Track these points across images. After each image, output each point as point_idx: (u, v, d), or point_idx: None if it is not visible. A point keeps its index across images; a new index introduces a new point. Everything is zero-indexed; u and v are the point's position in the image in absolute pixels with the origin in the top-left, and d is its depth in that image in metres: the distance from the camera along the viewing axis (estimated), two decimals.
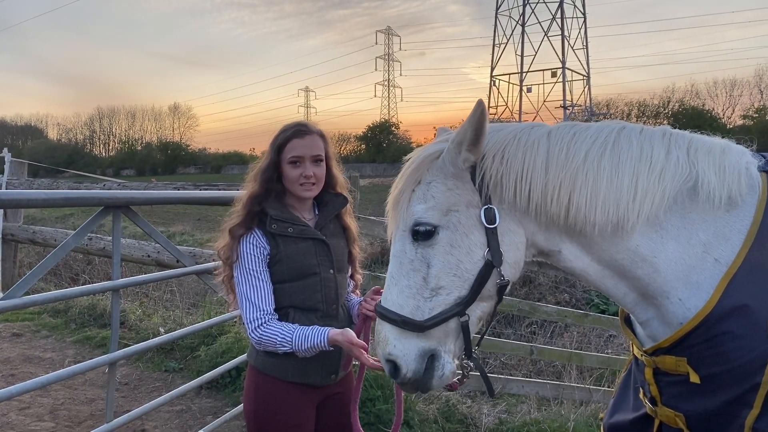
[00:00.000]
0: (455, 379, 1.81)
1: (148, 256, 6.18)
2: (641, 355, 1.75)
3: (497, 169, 1.64)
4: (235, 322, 5.29)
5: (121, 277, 2.88)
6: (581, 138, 1.65)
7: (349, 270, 2.40)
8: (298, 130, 2.16)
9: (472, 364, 1.76)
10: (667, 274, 1.60)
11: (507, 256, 1.65)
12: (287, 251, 2.12)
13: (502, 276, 1.64)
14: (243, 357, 3.81)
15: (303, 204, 2.24)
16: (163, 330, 5.99)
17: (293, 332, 2.03)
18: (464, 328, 1.67)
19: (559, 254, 1.71)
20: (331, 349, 2.04)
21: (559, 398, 4.99)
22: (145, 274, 5.88)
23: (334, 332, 2.02)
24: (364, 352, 1.98)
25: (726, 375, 1.53)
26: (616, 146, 1.63)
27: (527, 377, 6.40)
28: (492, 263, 1.62)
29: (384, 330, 1.71)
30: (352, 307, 2.36)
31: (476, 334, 1.77)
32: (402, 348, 1.67)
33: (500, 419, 4.39)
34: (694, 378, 1.57)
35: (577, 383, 5.47)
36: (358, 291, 2.48)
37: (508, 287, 1.69)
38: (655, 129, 1.69)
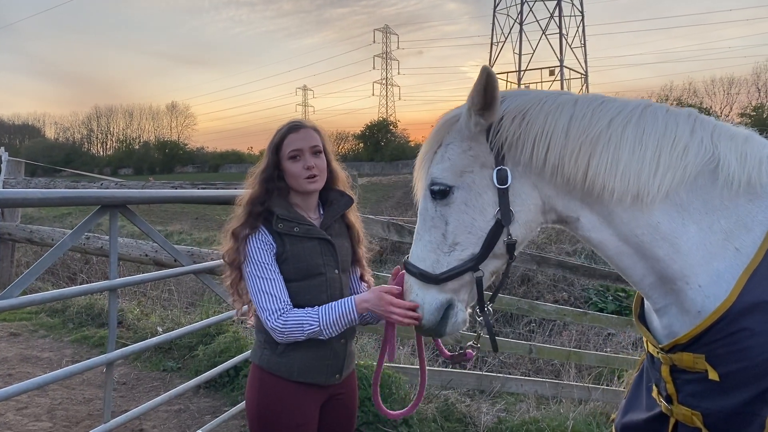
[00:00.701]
0: (469, 350, 2.00)
1: (146, 255, 6.16)
2: (657, 352, 1.73)
3: (515, 131, 1.68)
4: (233, 321, 5.28)
5: (119, 277, 2.87)
6: (607, 107, 1.67)
7: (358, 271, 2.38)
8: (293, 126, 2.18)
9: (481, 319, 1.86)
10: (687, 256, 1.59)
11: (518, 216, 1.71)
12: (293, 251, 2.11)
13: (510, 235, 1.71)
14: (241, 356, 3.80)
15: (308, 203, 2.23)
16: (161, 329, 5.97)
17: (318, 309, 2.03)
18: (478, 283, 1.76)
19: (578, 222, 1.73)
20: (360, 315, 2.02)
21: (557, 397, 4.99)
22: (143, 273, 5.87)
23: (360, 295, 2.03)
24: (393, 304, 1.91)
25: (745, 373, 1.51)
26: (641, 119, 1.64)
27: (526, 376, 6.40)
28: (501, 222, 1.70)
29: (410, 280, 1.85)
30: None
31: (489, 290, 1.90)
32: (422, 297, 1.80)
33: (499, 418, 4.39)
34: (713, 375, 1.54)
35: (576, 382, 5.47)
36: None
37: (519, 246, 1.77)
38: (681, 109, 1.69)
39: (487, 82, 1.62)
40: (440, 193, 1.75)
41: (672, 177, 1.58)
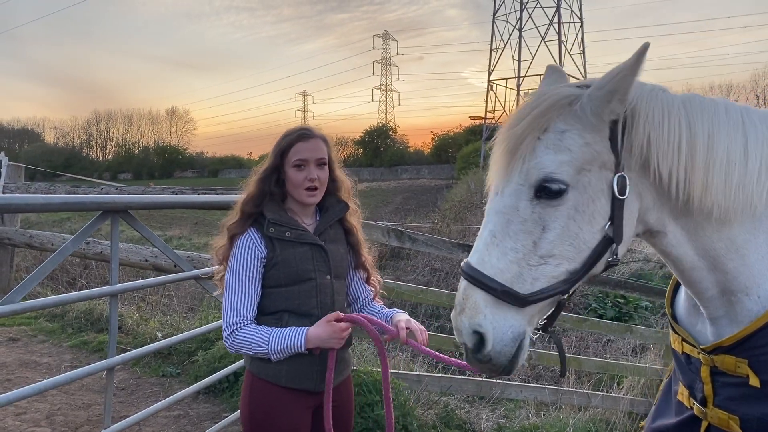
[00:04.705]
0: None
1: (146, 260, 6.16)
2: (698, 353, 1.65)
3: (645, 135, 1.44)
4: None
5: (119, 282, 2.87)
6: (716, 117, 1.49)
7: (362, 274, 2.37)
8: (302, 134, 2.17)
9: (550, 336, 1.62)
10: (753, 268, 1.52)
11: (625, 231, 1.47)
12: (284, 255, 2.11)
13: (616, 255, 1.47)
14: (241, 362, 3.79)
15: (305, 209, 2.23)
16: (160, 335, 5.97)
17: (270, 332, 2.05)
18: (559, 306, 1.50)
19: (665, 237, 1.56)
20: (306, 352, 2.04)
21: (557, 403, 4.98)
22: (143, 278, 5.88)
23: (313, 329, 2.03)
24: (343, 329, 2.05)
25: None
26: (742, 127, 1.49)
27: (525, 382, 6.39)
28: (612, 239, 1.44)
29: (476, 296, 1.45)
30: (382, 317, 2.27)
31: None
32: (493, 321, 1.43)
33: (499, 424, 4.39)
34: (754, 381, 1.50)
35: (576, 388, 5.46)
36: (379, 299, 2.43)
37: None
38: (763, 111, 1.58)
39: (642, 63, 1.37)
40: (552, 193, 1.42)
41: None
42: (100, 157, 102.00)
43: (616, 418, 4.84)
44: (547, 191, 1.43)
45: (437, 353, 2.19)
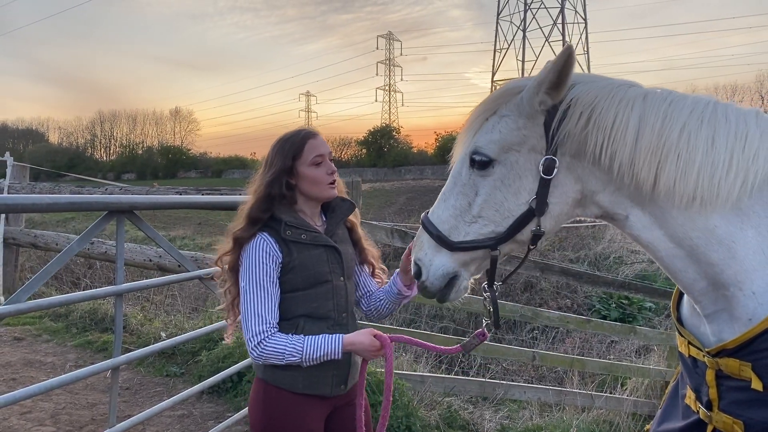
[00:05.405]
0: (480, 330, 2.01)
1: (150, 260, 6.18)
2: (703, 356, 1.65)
3: (581, 123, 1.59)
4: (238, 326, 5.28)
5: (124, 282, 2.88)
6: (678, 106, 1.57)
7: (366, 269, 2.40)
8: (310, 132, 2.18)
9: (487, 295, 1.88)
10: (744, 262, 1.51)
11: (552, 209, 1.67)
12: (301, 258, 2.08)
13: (539, 226, 1.68)
14: (245, 362, 3.80)
15: (315, 210, 2.22)
16: (164, 335, 5.98)
17: (304, 341, 2.00)
18: (493, 262, 1.78)
19: (626, 220, 1.66)
20: (339, 357, 2.03)
21: (561, 404, 4.98)
22: (147, 278, 5.89)
23: (350, 337, 2.03)
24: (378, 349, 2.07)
25: None
26: (712, 120, 1.54)
27: (529, 383, 6.40)
28: (534, 211, 1.66)
29: (423, 237, 1.83)
30: (391, 291, 2.34)
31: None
32: (431, 258, 1.80)
33: (502, 425, 4.39)
34: (757, 385, 1.49)
35: (579, 389, 5.46)
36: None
37: (543, 238, 1.74)
38: (749, 109, 1.61)
39: (566, 62, 1.54)
40: (480, 164, 1.70)
41: (742, 181, 1.50)
42: (104, 158, 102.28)
43: (619, 420, 4.84)
44: (476, 162, 1.71)
45: (422, 342, 2.30)
